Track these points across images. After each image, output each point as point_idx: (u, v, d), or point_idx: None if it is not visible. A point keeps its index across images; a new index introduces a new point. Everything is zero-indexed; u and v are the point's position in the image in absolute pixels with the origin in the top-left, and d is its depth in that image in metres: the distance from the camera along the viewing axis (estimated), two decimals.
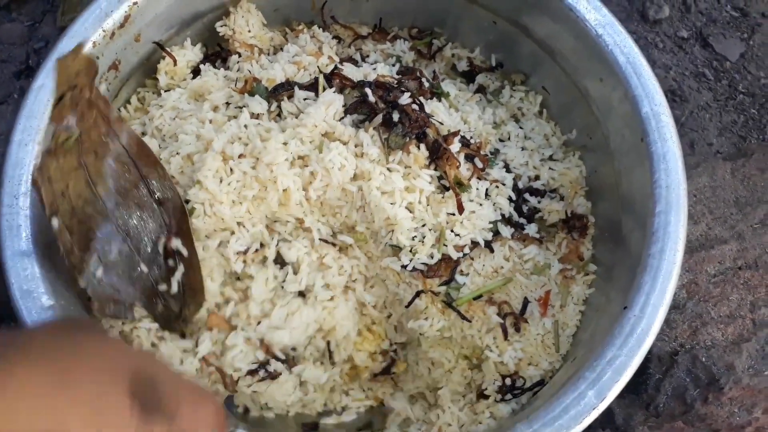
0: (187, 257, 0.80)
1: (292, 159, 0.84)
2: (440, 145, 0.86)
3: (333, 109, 0.87)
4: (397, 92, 0.87)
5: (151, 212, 0.81)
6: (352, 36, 1.08)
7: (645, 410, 1.00)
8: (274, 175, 0.81)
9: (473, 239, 0.87)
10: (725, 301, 1.01)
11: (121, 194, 0.80)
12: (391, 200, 0.83)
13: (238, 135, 0.85)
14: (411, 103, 0.87)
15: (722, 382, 0.96)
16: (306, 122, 0.85)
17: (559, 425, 0.69)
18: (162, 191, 0.81)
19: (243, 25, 1.01)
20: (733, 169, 1.17)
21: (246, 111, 0.88)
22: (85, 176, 0.80)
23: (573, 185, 0.96)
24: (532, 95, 1.03)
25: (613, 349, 0.72)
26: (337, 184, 0.83)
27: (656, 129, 0.82)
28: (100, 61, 0.88)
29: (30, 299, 0.73)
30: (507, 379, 0.84)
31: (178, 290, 0.80)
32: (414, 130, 0.86)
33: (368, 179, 0.83)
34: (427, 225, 0.86)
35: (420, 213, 0.85)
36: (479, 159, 0.89)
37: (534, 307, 0.87)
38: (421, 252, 0.85)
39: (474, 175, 0.88)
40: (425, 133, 0.85)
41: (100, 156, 0.80)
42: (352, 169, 0.84)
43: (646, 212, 0.81)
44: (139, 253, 0.80)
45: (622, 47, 0.86)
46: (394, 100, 0.86)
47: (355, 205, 0.85)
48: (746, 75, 1.55)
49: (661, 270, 0.75)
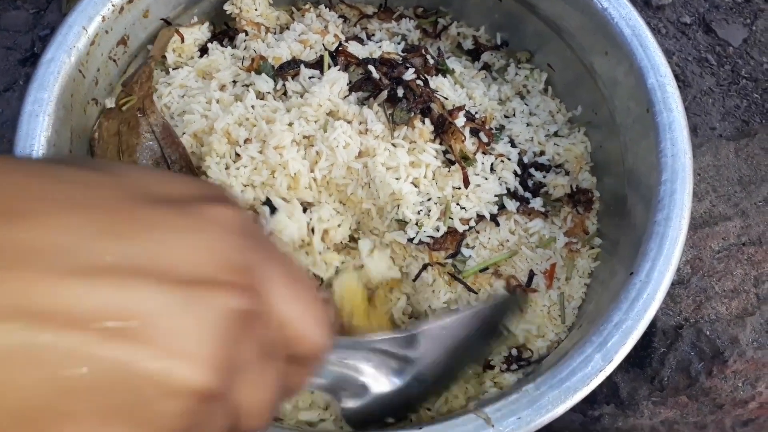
0: None
1: (298, 140, 0.85)
2: (445, 120, 0.87)
3: (338, 87, 0.88)
4: (401, 68, 0.88)
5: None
6: (357, 15, 1.08)
7: (650, 384, 1.01)
8: (284, 159, 0.82)
9: (479, 213, 0.87)
10: (729, 276, 1.02)
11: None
12: (396, 175, 0.84)
13: (245, 116, 0.86)
14: (415, 79, 0.87)
15: (726, 355, 0.96)
16: (311, 101, 0.86)
17: (566, 387, 0.69)
18: (179, 170, 0.82)
19: (249, 4, 1.02)
20: (736, 149, 1.17)
21: (252, 91, 0.89)
22: (117, 144, 0.81)
23: (578, 160, 0.97)
24: (537, 72, 1.04)
25: (619, 314, 0.73)
26: (342, 162, 0.83)
27: (662, 99, 0.82)
28: (109, 36, 0.89)
29: None
30: (513, 350, 0.85)
31: None
32: (419, 105, 0.86)
33: (373, 156, 0.84)
34: (432, 199, 0.86)
35: (425, 187, 0.85)
36: (484, 133, 0.90)
37: (539, 280, 0.88)
38: (427, 225, 0.85)
39: (479, 149, 0.89)
40: (430, 108, 0.86)
41: (132, 127, 0.81)
42: (356, 147, 0.84)
43: (651, 182, 0.81)
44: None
45: (627, 20, 0.87)
46: (399, 76, 0.87)
47: (360, 182, 0.86)
48: (749, 60, 1.56)
49: (666, 236, 0.76)
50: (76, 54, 0.85)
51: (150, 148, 0.84)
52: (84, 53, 0.86)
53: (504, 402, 0.70)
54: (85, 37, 0.86)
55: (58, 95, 0.82)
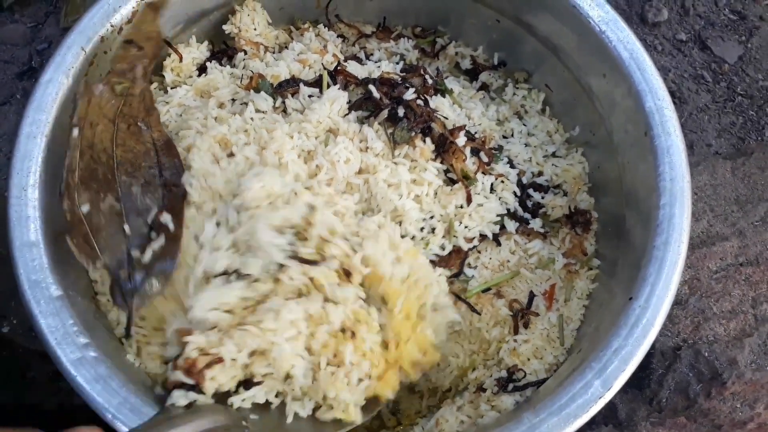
0: (172, 232, 0.80)
1: (297, 152, 0.85)
2: (446, 139, 0.87)
3: (337, 105, 0.88)
4: (401, 88, 0.88)
5: (154, 190, 0.82)
6: (356, 35, 1.09)
7: (648, 405, 1.00)
8: (284, 161, 0.81)
9: (481, 232, 0.87)
10: (727, 296, 1.02)
11: (134, 166, 0.82)
12: (398, 192, 0.84)
13: (243, 128, 0.85)
14: (416, 99, 0.88)
15: (725, 377, 0.96)
16: (311, 118, 0.85)
17: (566, 414, 0.69)
18: (172, 179, 0.83)
19: (249, 23, 1.02)
20: (733, 168, 1.18)
21: (251, 105, 0.89)
22: (112, 133, 0.82)
23: (576, 181, 0.97)
24: (535, 93, 1.04)
25: (618, 339, 0.73)
26: (342, 177, 0.83)
27: (660, 123, 0.82)
28: (108, 56, 0.89)
29: (38, 289, 0.73)
30: (503, 372, 0.85)
31: (150, 260, 0.79)
32: (419, 124, 0.86)
33: (374, 173, 0.84)
34: (435, 216, 0.86)
35: (428, 205, 0.85)
36: (484, 153, 0.90)
37: (539, 301, 0.88)
38: (433, 243, 0.85)
39: (479, 169, 0.89)
40: (430, 127, 0.86)
41: (131, 131, 0.84)
42: (357, 164, 0.84)
43: (650, 206, 0.81)
44: (127, 217, 0.80)
45: (626, 43, 0.87)
46: (399, 96, 0.87)
47: (361, 197, 0.85)
48: (744, 77, 1.56)
49: (665, 261, 0.76)
50: (74, 75, 0.84)
51: (148, 155, 0.85)
52: (82, 74, 0.86)
53: (503, 429, 0.69)
54: (83, 57, 0.86)
55: (55, 116, 0.82)
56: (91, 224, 0.78)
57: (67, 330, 0.71)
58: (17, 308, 1.17)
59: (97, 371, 0.70)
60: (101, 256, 0.77)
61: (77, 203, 0.78)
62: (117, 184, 0.81)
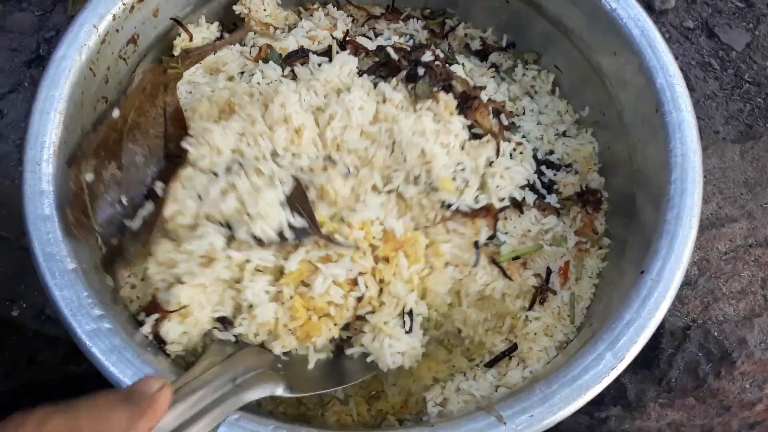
0: (161, 197, 0.80)
1: (305, 107, 0.83)
2: (469, 95, 0.86)
3: (347, 68, 0.87)
4: (418, 52, 0.87)
5: (157, 159, 0.84)
6: (365, 16, 1.09)
7: (657, 386, 1.00)
8: (288, 112, 0.80)
9: (511, 195, 0.87)
10: (736, 277, 1.02)
11: (142, 132, 0.84)
12: (424, 138, 0.82)
13: (249, 92, 0.85)
14: (434, 60, 0.87)
15: (734, 356, 0.96)
16: (319, 77, 0.85)
17: (578, 385, 0.69)
18: (176, 151, 0.83)
19: (258, 4, 1.02)
20: (742, 151, 1.18)
21: (259, 74, 0.89)
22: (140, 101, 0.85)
23: (586, 161, 0.97)
24: (545, 74, 1.04)
25: (630, 312, 0.73)
26: (356, 125, 0.81)
27: (671, 99, 0.82)
28: (120, 35, 0.89)
29: (53, 261, 0.73)
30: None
31: (139, 227, 0.80)
32: (440, 81, 0.85)
33: (395, 122, 0.82)
34: (466, 169, 0.85)
35: (456, 155, 0.84)
36: (505, 115, 0.89)
37: (555, 278, 0.88)
38: (467, 194, 0.84)
39: (501, 130, 0.89)
40: (451, 85, 0.85)
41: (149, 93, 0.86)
42: (371, 112, 0.83)
43: (660, 182, 0.81)
44: (127, 187, 0.82)
45: (636, 20, 0.87)
46: (417, 59, 0.86)
47: (382, 144, 0.83)
48: (752, 65, 1.56)
49: (677, 235, 0.76)
50: (87, 52, 0.85)
51: (157, 121, 0.87)
52: (95, 51, 0.86)
53: (515, 399, 0.70)
54: (95, 35, 0.86)
55: (69, 93, 0.82)
56: (92, 193, 0.79)
57: (81, 302, 0.71)
58: (27, 292, 1.18)
59: (112, 342, 0.70)
60: (95, 226, 0.78)
61: (83, 171, 0.79)
62: (122, 151, 0.82)
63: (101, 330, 0.70)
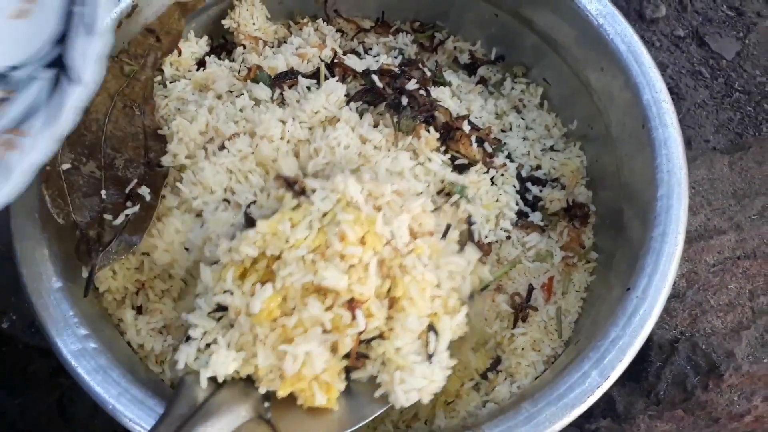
0: (148, 202, 0.82)
1: (289, 138, 0.84)
2: (451, 126, 0.86)
3: (335, 96, 0.87)
4: (403, 79, 0.88)
5: (137, 165, 0.85)
6: (354, 29, 1.09)
7: (646, 398, 1.01)
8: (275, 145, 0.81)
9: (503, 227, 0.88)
10: (724, 289, 1.03)
11: (121, 143, 0.86)
12: (400, 178, 0.82)
13: (234, 118, 0.86)
14: (418, 89, 0.87)
15: (722, 369, 0.97)
16: (305, 107, 0.85)
17: (564, 404, 0.69)
18: (155, 160, 0.85)
19: (247, 18, 1.02)
20: (730, 162, 1.18)
21: (247, 95, 0.89)
22: (108, 108, 0.86)
23: (574, 175, 0.97)
24: (533, 87, 1.05)
25: (616, 330, 0.73)
26: (340, 161, 0.82)
27: (657, 115, 0.83)
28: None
29: (39, 281, 0.73)
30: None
31: (121, 223, 0.80)
32: (422, 113, 0.86)
33: (373, 163, 0.83)
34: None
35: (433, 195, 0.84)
36: (488, 143, 0.90)
37: (538, 294, 0.88)
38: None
39: (484, 158, 0.89)
40: (434, 116, 0.86)
41: (125, 113, 0.87)
42: (356, 150, 0.83)
43: (647, 198, 0.82)
44: (106, 185, 0.83)
45: (623, 36, 0.88)
46: (402, 87, 0.87)
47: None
48: (742, 73, 1.57)
49: (663, 252, 0.76)
50: None
51: (136, 137, 0.88)
52: None
53: (502, 419, 0.70)
54: None
55: None
56: (69, 182, 0.80)
57: (67, 321, 0.72)
58: (18, 304, 1.17)
59: (97, 362, 0.70)
60: (72, 214, 0.79)
61: (59, 160, 0.80)
62: (101, 155, 0.84)
63: (86, 350, 0.70)
